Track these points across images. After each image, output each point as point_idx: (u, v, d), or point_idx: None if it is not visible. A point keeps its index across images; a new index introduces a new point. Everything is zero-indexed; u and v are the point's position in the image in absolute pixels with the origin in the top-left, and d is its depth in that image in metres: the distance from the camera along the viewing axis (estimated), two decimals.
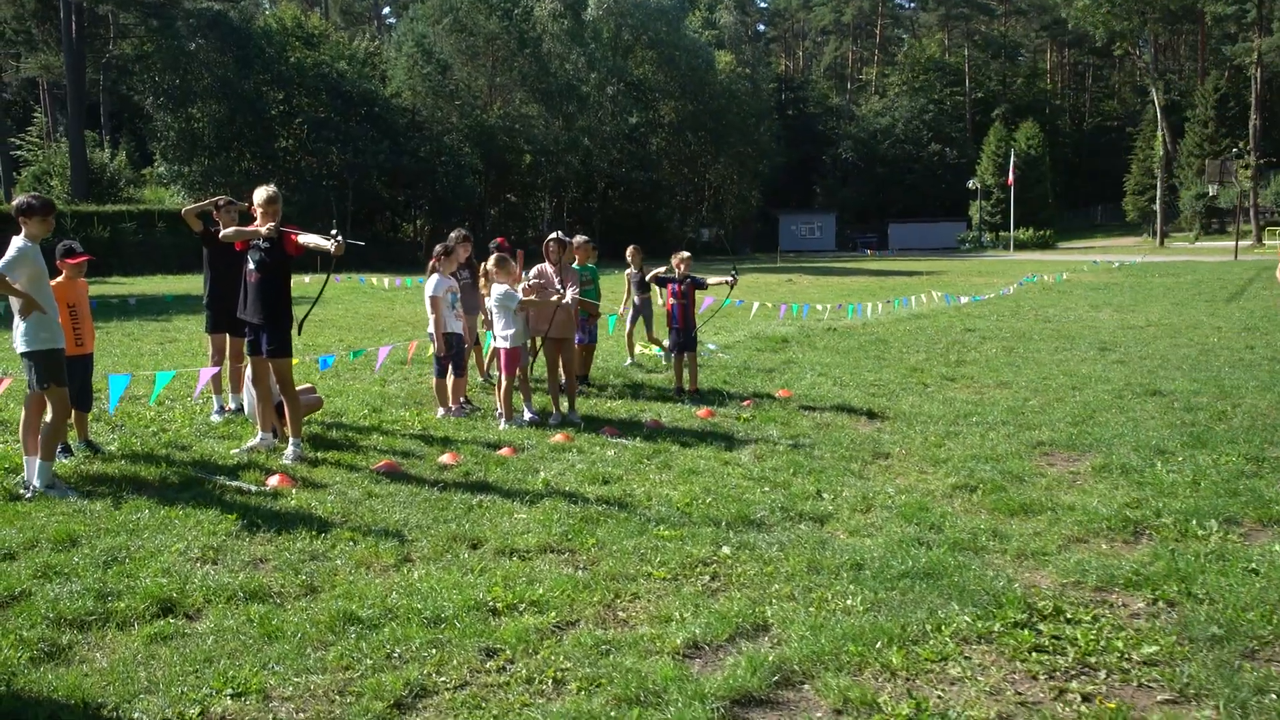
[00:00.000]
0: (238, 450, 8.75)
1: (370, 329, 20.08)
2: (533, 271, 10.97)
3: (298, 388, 9.45)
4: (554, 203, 68.42)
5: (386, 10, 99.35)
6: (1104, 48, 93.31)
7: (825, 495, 7.62)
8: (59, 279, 8.34)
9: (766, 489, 7.79)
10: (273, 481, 7.71)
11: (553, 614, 5.27)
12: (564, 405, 10.67)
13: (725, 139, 74.93)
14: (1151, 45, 79.33)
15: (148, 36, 55.34)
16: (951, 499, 7.58)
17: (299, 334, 8.88)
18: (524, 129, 62.78)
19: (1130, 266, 44.64)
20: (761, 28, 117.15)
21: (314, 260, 34.28)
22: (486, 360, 12.97)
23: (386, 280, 33.61)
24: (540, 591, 5.54)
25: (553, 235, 11.09)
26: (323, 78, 55.35)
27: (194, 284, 31.54)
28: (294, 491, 7.51)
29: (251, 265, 8.48)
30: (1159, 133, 75.69)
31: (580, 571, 5.95)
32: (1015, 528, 6.81)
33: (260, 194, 8.55)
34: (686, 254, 12.24)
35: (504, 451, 8.87)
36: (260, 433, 8.87)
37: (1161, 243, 71.19)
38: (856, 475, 8.28)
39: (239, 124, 54.09)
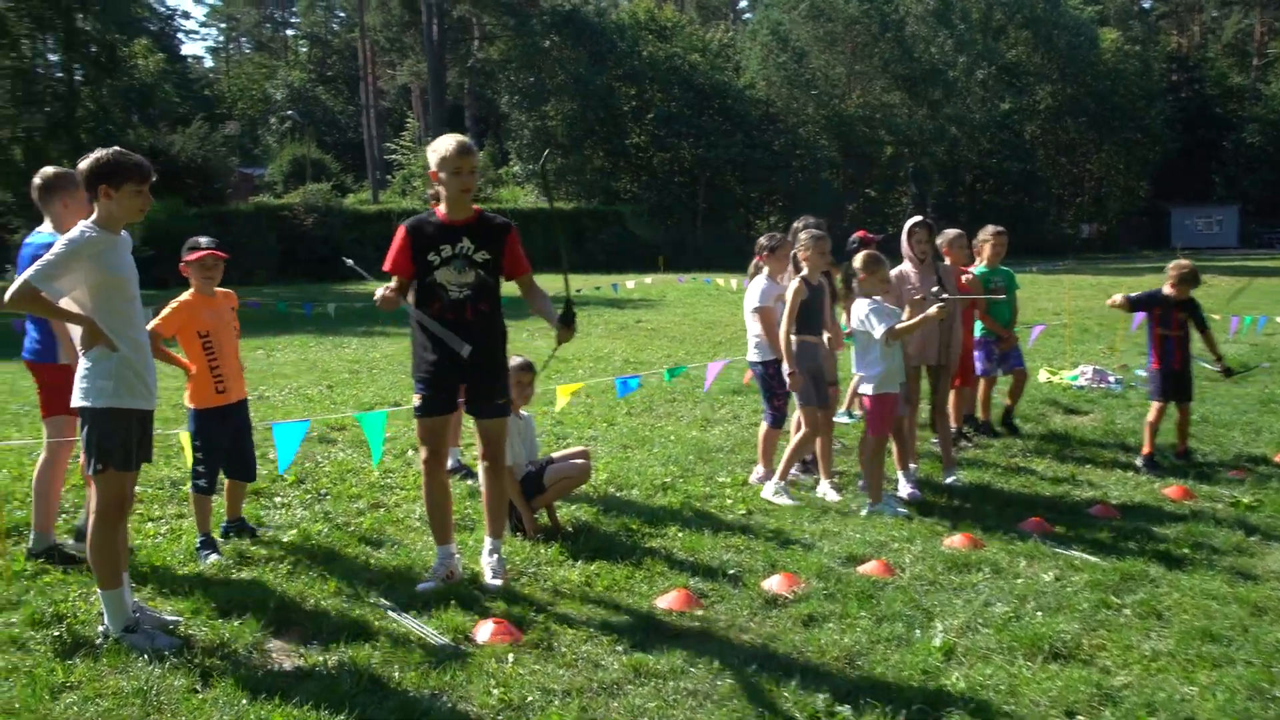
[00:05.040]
0: (425, 586, 5.22)
1: (706, 340, 17.11)
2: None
3: (568, 450, 6.57)
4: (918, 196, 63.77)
5: (744, 4, 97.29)
6: None
7: None
8: (184, 295, 5.57)
9: None
10: (483, 634, 4.57)
11: None
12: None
13: (1109, 125, 67.54)
14: None
15: (504, 36, 55.70)
16: None
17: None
18: (885, 118, 58.69)
19: None
20: (1148, 3, 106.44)
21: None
22: (847, 400, 9.63)
23: (734, 281, 30.69)
24: None
25: (915, 219, 7.78)
26: (675, 70, 53.60)
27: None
28: (511, 657, 4.33)
29: (458, 294, 5.16)
30: None
31: None
32: None
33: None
34: (1184, 257, 8.31)
35: (870, 568, 5.48)
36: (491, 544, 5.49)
37: None
38: None
39: (590, 121, 53.24)
